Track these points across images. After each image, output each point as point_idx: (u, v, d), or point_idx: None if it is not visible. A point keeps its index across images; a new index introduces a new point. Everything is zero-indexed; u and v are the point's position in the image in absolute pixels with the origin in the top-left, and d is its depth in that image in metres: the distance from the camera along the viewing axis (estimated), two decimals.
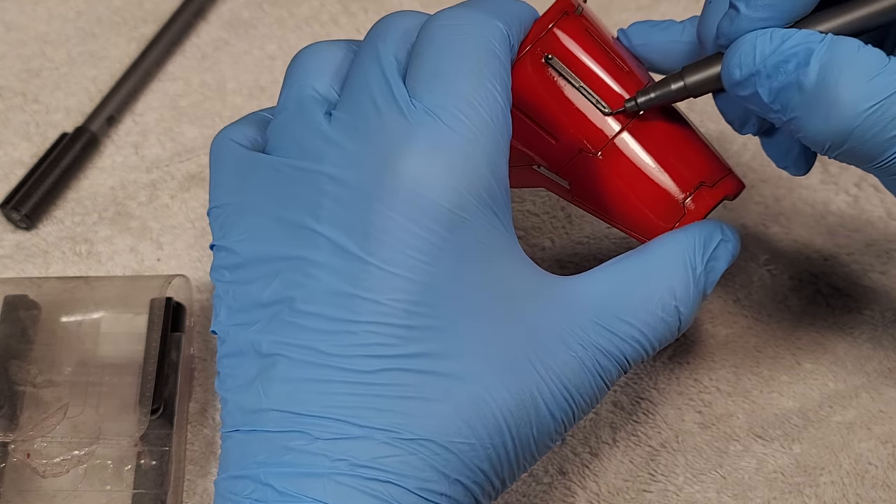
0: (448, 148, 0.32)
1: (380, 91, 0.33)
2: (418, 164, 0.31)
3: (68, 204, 0.48)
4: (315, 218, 0.32)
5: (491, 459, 0.32)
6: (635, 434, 0.42)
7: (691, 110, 0.50)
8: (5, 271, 0.46)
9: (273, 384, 0.31)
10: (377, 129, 0.32)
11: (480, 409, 0.31)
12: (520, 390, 0.32)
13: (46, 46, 0.53)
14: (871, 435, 0.41)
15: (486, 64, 0.33)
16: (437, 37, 0.34)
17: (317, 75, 0.35)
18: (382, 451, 0.30)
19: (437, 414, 0.31)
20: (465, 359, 0.31)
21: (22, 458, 0.39)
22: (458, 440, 0.31)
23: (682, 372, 0.43)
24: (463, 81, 0.33)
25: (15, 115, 0.51)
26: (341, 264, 0.31)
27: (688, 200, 0.36)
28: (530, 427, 0.33)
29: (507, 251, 0.33)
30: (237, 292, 0.33)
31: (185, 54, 0.53)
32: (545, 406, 0.33)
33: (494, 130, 0.33)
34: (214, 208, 0.35)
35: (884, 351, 0.44)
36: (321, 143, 0.33)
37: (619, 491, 0.40)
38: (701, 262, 0.36)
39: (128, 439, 0.39)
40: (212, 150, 0.36)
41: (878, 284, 0.45)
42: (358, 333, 0.31)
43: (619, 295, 0.35)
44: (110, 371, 0.41)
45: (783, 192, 0.48)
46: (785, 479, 0.40)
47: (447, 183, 0.31)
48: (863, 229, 0.47)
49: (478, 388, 0.31)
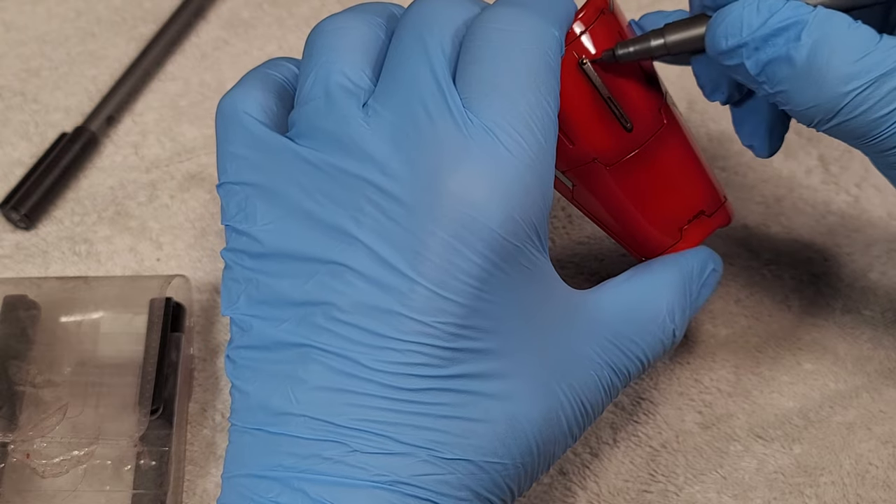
0: (507, 172, 0.31)
1: (431, 96, 0.31)
2: (477, 188, 0.30)
3: (68, 204, 0.48)
4: (356, 223, 0.31)
5: (518, 477, 0.32)
6: (636, 434, 0.42)
7: (692, 110, 0.50)
8: (5, 271, 0.46)
9: (305, 390, 0.31)
10: (430, 141, 0.31)
11: (515, 429, 0.32)
12: (548, 410, 0.33)
13: (46, 46, 0.53)
14: (872, 435, 0.41)
15: (544, 79, 0.32)
16: (494, 43, 0.32)
17: (345, 57, 0.33)
18: (423, 469, 0.30)
19: (476, 434, 0.31)
20: (506, 380, 0.32)
21: (21, 459, 0.39)
22: (493, 460, 0.31)
23: (682, 372, 0.43)
24: (522, 99, 0.31)
25: (14, 114, 0.50)
26: (386, 279, 0.30)
27: (686, 226, 0.37)
28: (554, 444, 0.33)
29: (546, 273, 0.33)
30: (261, 283, 0.32)
31: (185, 54, 0.53)
32: (566, 422, 0.33)
33: (548, 154, 0.32)
34: (228, 184, 0.33)
35: (884, 351, 0.44)
36: (363, 144, 0.31)
37: (620, 491, 0.40)
38: (696, 288, 0.37)
39: (127, 439, 0.39)
40: (219, 118, 0.34)
41: (878, 284, 0.45)
42: (402, 352, 0.30)
43: (632, 315, 0.35)
44: (110, 371, 0.40)
45: (784, 191, 0.48)
46: (785, 480, 0.40)
47: (505, 210, 0.31)
48: (863, 229, 0.47)
49: (514, 409, 0.32)
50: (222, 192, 0.34)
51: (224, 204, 0.33)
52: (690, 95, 0.50)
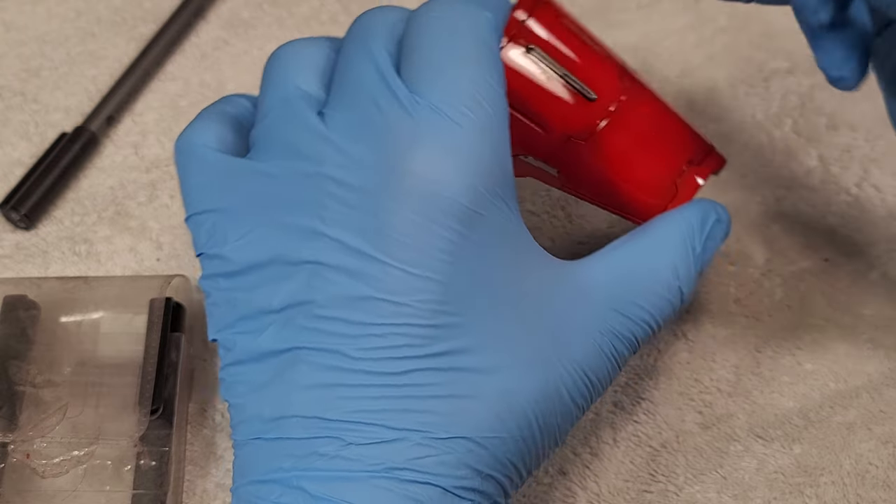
0: (459, 145, 0.32)
1: (378, 89, 0.32)
2: (432, 163, 0.31)
3: (67, 204, 0.48)
4: (321, 220, 0.31)
5: (520, 451, 0.32)
6: (636, 434, 0.42)
7: (692, 110, 0.50)
8: (5, 271, 0.46)
9: (295, 391, 0.31)
10: (381, 129, 0.32)
11: (510, 402, 0.32)
12: (545, 381, 0.32)
13: (46, 46, 0.53)
14: (872, 435, 0.41)
15: (483, 56, 0.33)
16: (430, 29, 0.33)
17: (300, 73, 0.35)
18: (418, 453, 0.30)
19: (469, 410, 0.31)
20: (492, 353, 0.31)
21: (21, 459, 0.39)
22: (489, 435, 0.31)
23: (682, 372, 0.43)
24: (463, 75, 0.32)
25: (14, 114, 0.50)
26: (358, 267, 0.31)
27: (679, 180, 0.37)
28: (555, 416, 0.33)
29: (522, 242, 0.33)
30: (238, 300, 0.33)
31: (185, 54, 0.53)
32: (567, 394, 0.33)
33: (498, 123, 0.33)
34: (195, 215, 0.34)
35: (884, 351, 0.44)
36: (319, 145, 0.32)
37: (620, 491, 0.40)
38: (700, 241, 0.36)
39: (127, 439, 0.39)
40: (178, 155, 0.35)
41: (878, 284, 0.45)
42: (384, 336, 0.30)
43: (630, 278, 0.35)
44: (110, 371, 0.40)
45: (783, 192, 0.48)
46: (785, 480, 0.40)
47: (463, 180, 0.31)
48: (863, 229, 0.47)
49: (507, 382, 0.31)
50: (190, 225, 0.34)
51: (194, 235, 0.34)
52: (689, 96, 0.50)
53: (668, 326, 0.44)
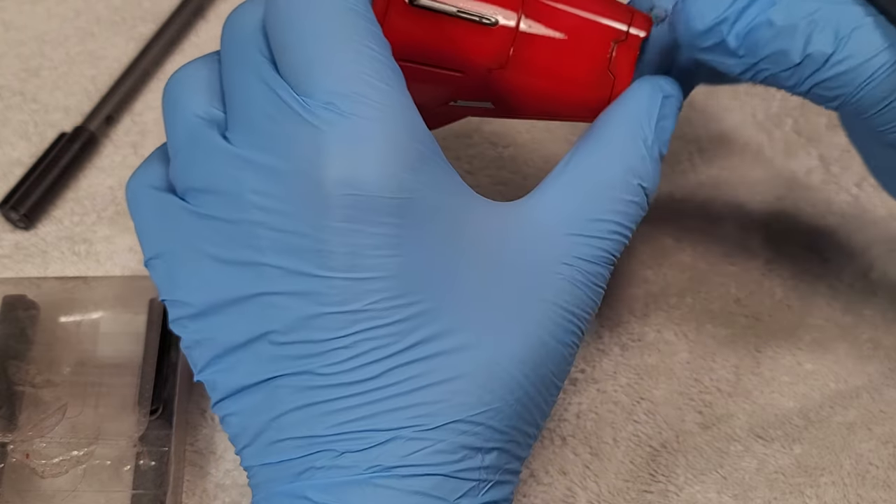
0: (364, 136, 0.30)
1: (267, 101, 0.31)
2: (342, 167, 0.30)
3: (67, 204, 0.48)
4: (257, 250, 0.31)
5: (519, 414, 0.32)
6: (636, 434, 0.42)
7: (693, 108, 0.50)
8: (4, 271, 0.46)
9: (281, 416, 0.31)
10: (284, 142, 0.30)
11: (494, 371, 0.31)
12: (525, 335, 0.32)
13: (45, 46, 0.53)
14: (872, 435, 0.41)
15: (352, 27, 0.31)
16: (290, 19, 0.31)
17: (195, 100, 0.33)
18: (411, 448, 0.30)
19: (456, 392, 0.30)
20: (463, 329, 0.31)
21: (21, 459, 0.39)
22: (481, 410, 0.31)
23: (682, 372, 0.43)
24: (340, 58, 0.31)
25: (13, 114, 0.50)
26: (304, 287, 0.30)
27: (610, 65, 0.35)
28: (545, 366, 0.32)
29: (461, 200, 0.32)
30: (206, 341, 0.32)
31: (185, 53, 0.53)
32: (552, 339, 0.32)
33: (394, 92, 0.31)
34: (150, 260, 0.33)
35: (884, 351, 0.44)
36: (234, 170, 0.31)
37: (620, 491, 0.40)
38: (650, 130, 0.34)
39: (127, 440, 0.39)
40: (127, 198, 0.35)
41: (879, 284, 0.45)
42: (349, 346, 0.30)
43: (581, 197, 0.33)
44: (109, 371, 0.40)
45: (784, 191, 0.48)
46: (786, 480, 0.40)
47: (379, 172, 0.30)
48: (864, 229, 0.47)
49: (485, 352, 0.31)
50: (150, 270, 0.34)
51: (154, 280, 0.34)
52: (690, 96, 0.50)
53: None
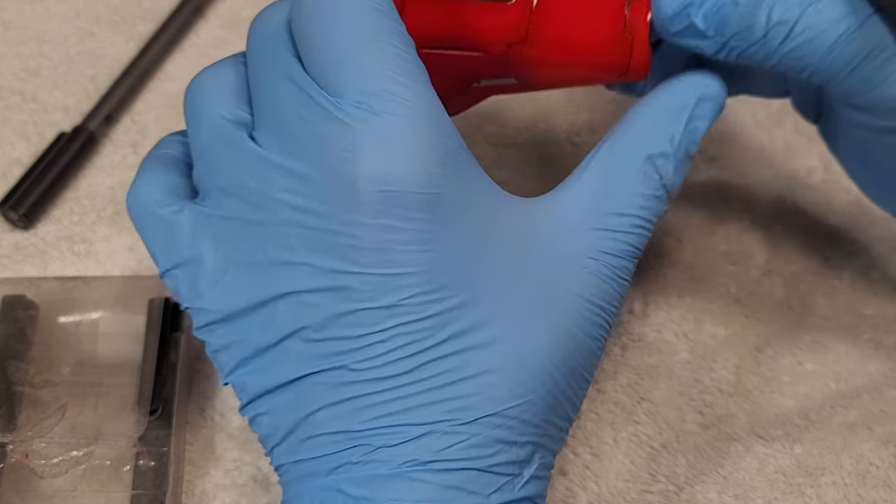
0: (394, 134, 0.31)
1: (298, 101, 0.31)
2: (375, 164, 0.30)
3: (66, 203, 0.48)
4: (288, 249, 0.31)
5: (551, 407, 0.32)
6: (636, 435, 0.42)
7: None
8: (3, 271, 0.46)
9: (315, 413, 0.31)
10: (315, 142, 0.31)
11: (525, 364, 0.31)
12: (553, 327, 0.32)
13: (45, 45, 0.53)
14: (873, 435, 0.41)
15: (378, 26, 0.32)
16: (317, 19, 0.32)
17: (220, 102, 0.33)
18: (446, 442, 0.30)
19: (489, 386, 0.31)
20: (494, 322, 0.31)
21: (20, 459, 0.39)
22: (514, 404, 0.31)
23: (682, 372, 0.43)
24: (369, 58, 0.31)
25: (13, 114, 0.50)
26: (337, 284, 0.30)
27: (626, 26, 0.36)
28: (574, 358, 0.32)
29: (487, 195, 0.33)
30: (235, 343, 0.32)
31: (184, 53, 0.53)
32: (580, 331, 0.32)
33: (421, 88, 0.31)
34: (167, 272, 0.33)
35: (885, 351, 0.44)
36: (263, 171, 0.31)
37: (620, 492, 0.40)
38: (679, 128, 0.35)
39: (126, 440, 0.39)
40: (131, 215, 0.34)
41: (879, 284, 0.45)
42: (385, 341, 0.30)
43: (605, 191, 0.34)
44: (109, 371, 0.40)
45: (784, 191, 0.48)
46: (786, 480, 0.40)
47: (410, 168, 0.30)
48: (864, 229, 0.47)
49: (517, 346, 0.31)
50: (167, 282, 0.34)
51: (173, 291, 0.34)
52: None
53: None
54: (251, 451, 0.41)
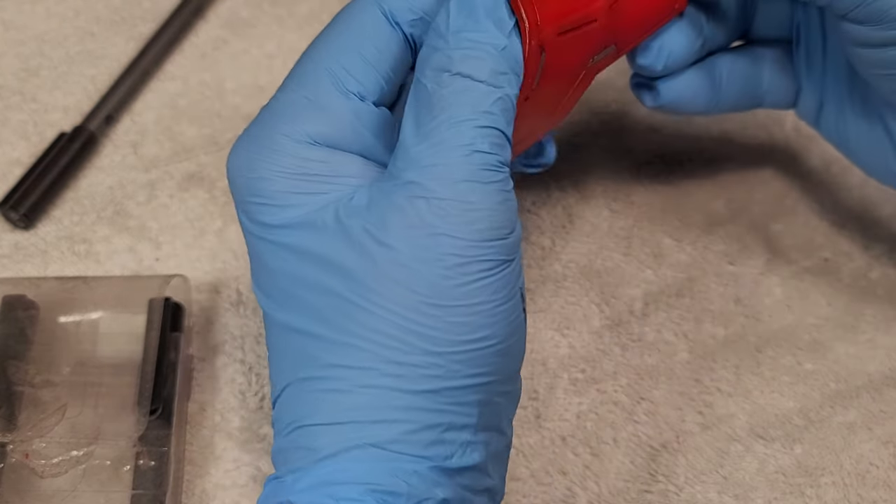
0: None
1: None
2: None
3: (66, 203, 0.48)
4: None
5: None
6: (636, 435, 0.42)
7: None
8: (3, 271, 0.46)
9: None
10: None
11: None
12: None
13: (45, 45, 0.53)
14: (873, 435, 0.41)
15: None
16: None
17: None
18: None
19: None
20: None
21: (20, 459, 0.39)
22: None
23: (682, 372, 0.43)
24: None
25: (13, 114, 0.50)
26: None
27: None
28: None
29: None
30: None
31: (184, 53, 0.53)
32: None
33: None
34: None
35: (885, 351, 0.44)
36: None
37: (620, 492, 0.40)
38: None
39: (126, 440, 0.39)
40: None
41: (879, 284, 0.45)
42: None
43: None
44: (109, 371, 0.40)
45: (785, 191, 0.48)
46: (786, 480, 0.40)
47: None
48: (865, 229, 0.47)
49: None
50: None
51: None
52: None
53: (668, 327, 0.44)
54: (251, 451, 0.41)
